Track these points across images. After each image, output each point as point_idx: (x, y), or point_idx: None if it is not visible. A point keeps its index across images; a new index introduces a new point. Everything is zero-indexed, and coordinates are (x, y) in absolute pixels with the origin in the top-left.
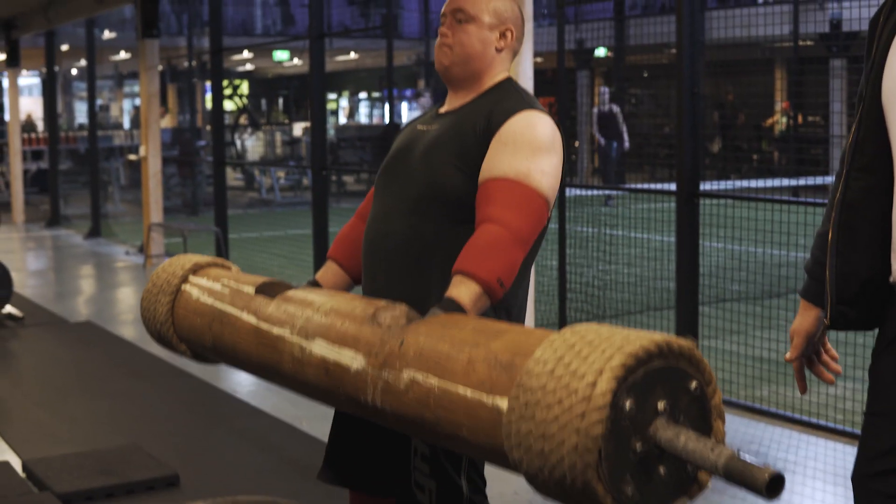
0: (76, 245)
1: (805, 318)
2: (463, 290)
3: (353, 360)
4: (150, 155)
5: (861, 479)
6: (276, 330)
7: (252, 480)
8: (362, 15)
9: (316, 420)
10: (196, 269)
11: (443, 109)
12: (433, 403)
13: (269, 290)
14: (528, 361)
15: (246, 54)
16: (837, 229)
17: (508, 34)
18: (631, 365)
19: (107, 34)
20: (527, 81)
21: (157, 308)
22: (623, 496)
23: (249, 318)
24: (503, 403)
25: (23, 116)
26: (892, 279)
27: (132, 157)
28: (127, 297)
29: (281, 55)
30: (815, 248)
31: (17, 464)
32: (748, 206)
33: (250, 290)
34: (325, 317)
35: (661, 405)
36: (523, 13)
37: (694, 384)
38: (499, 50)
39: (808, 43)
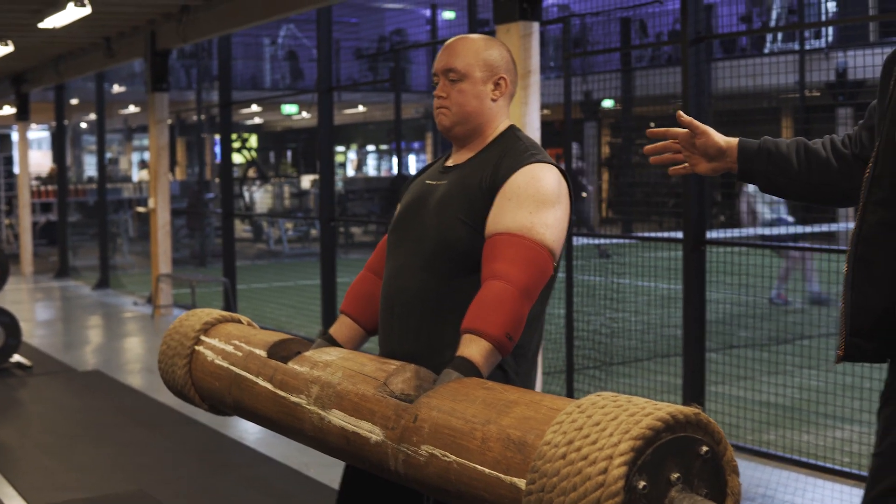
0: (84, 296)
1: (722, 140)
2: (474, 348)
3: (371, 432)
4: (160, 207)
5: None
6: (293, 398)
7: None
8: (370, 69)
9: (324, 467)
10: (206, 329)
11: (449, 162)
12: (454, 479)
13: (281, 351)
14: (540, 445)
15: (255, 108)
16: (854, 262)
17: (502, 83)
18: (640, 446)
19: (116, 88)
20: (534, 132)
21: (174, 371)
22: None
23: (266, 385)
24: (521, 483)
25: (42, 170)
26: None
27: (140, 209)
28: (135, 347)
29: (289, 109)
30: (788, 145)
31: None
32: (754, 253)
33: (262, 353)
34: (337, 385)
35: (674, 476)
36: (512, 55)
37: (704, 448)
38: (495, 100)
39: (815, 93)
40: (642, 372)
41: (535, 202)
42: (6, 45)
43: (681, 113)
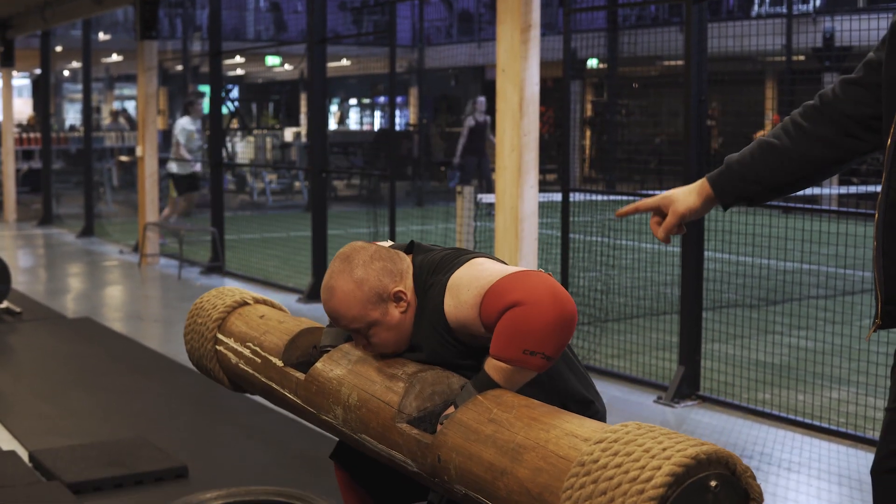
0: (69, 243)
1: (694, 200)
2: (491, 364)
3: (405, 462)
4: (147, 155)
5: (882, 474)
6: (322, 416)
7: (260, 474)
8: (354, 22)
9: None
10: (220, 324)
11: None
12: None
13: (294, 354)
14: None
15: (238, 59)
16: (883, 229)
17: (400, 294)
18: None
19: (101, 36)
20: (532, 87)
21: (209, 371)
22: None
23: (294, 398)
24: None
25: (22, 118)
26: None
27: (123, 158)
28: (122, 295)
29: (273, 60)
30: (750, 150)
31: (23, 455)
32: (744, 214)
33: (278, 362)
34: (357, 410)
35: None
36: (381, 255)
37: (713, 483)
38: (406, 306)
39: (800, 58)
40: (636, 329)
41: (477, 276)
42: None
43: (618, 212)
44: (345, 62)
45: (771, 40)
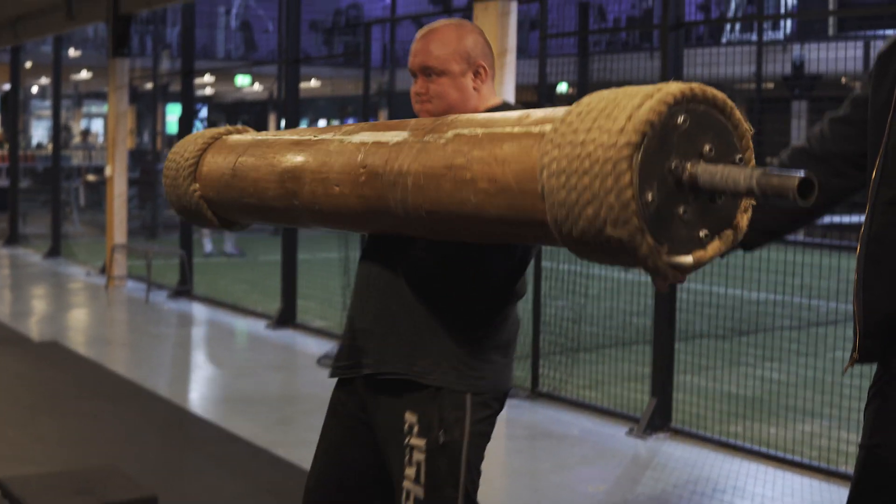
0: (35, 264)
1: None
2: None
3: (394, 136)
4: (116, 174)
5: None
6: (319, 135)
7: None
8: (325, 43)
9: (291, 446)
10: (211, 143)
11: None
12: (472, 147)
13: None
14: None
15: (207, 78)
16: (865, 263)
17: (482, 71)
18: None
19: (72, 52)
20: None
21: (187, 195)
22: (644, 201)
23: (290, 136)
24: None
25: None
26: None
27: (91, 177)
28: (89, 318)
29: (243, 80)
30: (788, 156)
31: None
32: None
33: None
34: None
35: (706, 148)
36: (486, 38)
37: (681, 119)
38: (476, 89)
39: (770, 85)
40: (607, 359)
41: None
42: None
43: None
44: (314, 83)
45: (741, 68)
